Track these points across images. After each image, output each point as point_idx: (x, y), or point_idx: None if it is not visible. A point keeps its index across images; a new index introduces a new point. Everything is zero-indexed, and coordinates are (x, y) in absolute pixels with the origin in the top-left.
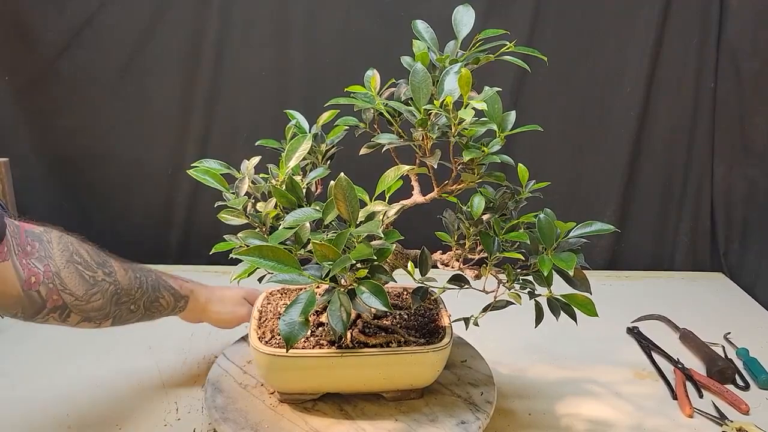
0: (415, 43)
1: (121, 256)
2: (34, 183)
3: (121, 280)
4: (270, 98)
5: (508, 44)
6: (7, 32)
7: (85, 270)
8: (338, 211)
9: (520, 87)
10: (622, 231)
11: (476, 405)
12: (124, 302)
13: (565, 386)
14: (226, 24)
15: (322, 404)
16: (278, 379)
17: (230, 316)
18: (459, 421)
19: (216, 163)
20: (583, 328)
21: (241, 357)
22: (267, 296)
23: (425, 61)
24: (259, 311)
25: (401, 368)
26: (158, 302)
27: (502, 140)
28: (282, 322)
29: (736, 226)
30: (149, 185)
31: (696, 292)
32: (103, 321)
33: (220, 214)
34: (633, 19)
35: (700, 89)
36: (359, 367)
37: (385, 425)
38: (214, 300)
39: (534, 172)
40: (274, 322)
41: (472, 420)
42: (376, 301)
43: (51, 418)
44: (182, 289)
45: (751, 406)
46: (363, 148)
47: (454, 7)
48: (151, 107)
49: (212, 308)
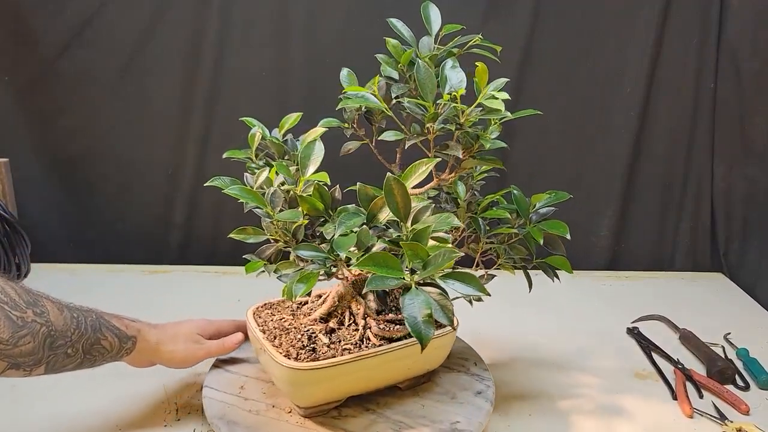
0: (388, 41)
1: (121, 256)
2: (34, 183)
3: (55, 320)
4: (270, 98)
5: (476, 37)
6: (7, 32)
7: (12, 310)
8: (390, 209)
9: (520, 87)
10: (622, 231)
11: (478, 375)
12: (59, 346)
13: (565, 386)
14: (226, 24)
15: (346, 409)
16: (309, 393)
17: (186, 354)
18: (475, 392)
19: (229, 180)
20: (583, 328)
21: (229, 384)
22: (254, 314)
23: (399, 55)
24: (261, 330)
25: (424, 355)
26: (100, 345)
27: (498, 128)
28: (409, 325)
29: (736, 226)
30: (149, 185)
31: (696, 292)
32: (35, 368)
33: (242, 234)
34: (633, 19)
35: (700, 89)
36: (388, 362)
37: (417, 411)
38: (165, 339)
39: (534, 172)
40: (288, 338)
41: (484, 388)
42: (471, 289)
43: (50, 419)
44: (128, 330)
45: (751, 406)
46: (344, 147)
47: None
48: (151, 107)
49: (165, 348)
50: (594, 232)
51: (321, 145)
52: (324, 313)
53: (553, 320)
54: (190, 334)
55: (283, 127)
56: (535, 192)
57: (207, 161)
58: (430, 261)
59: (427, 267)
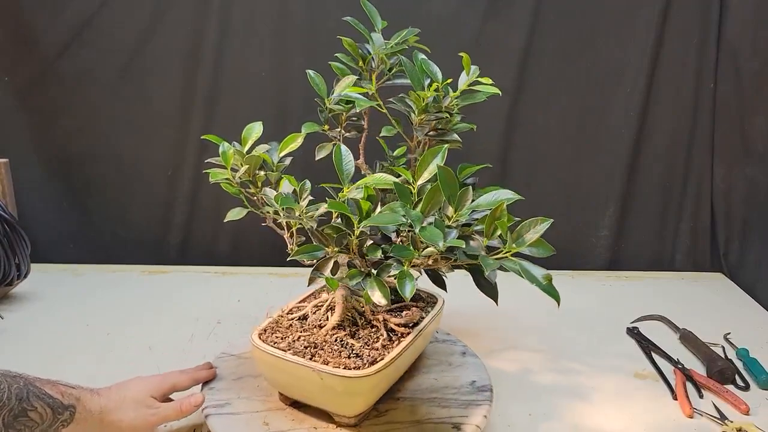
0: (344, 40)
1: (121, 256)
2: (34, 183)
3: None
4: (270, 98)
5: (415, 34)
6: (7, 32)
7: None
8: (445, 195)
9: (520, 87)
10: (622, 231)
11: (449, 341)
12: None
13: (564, 387)
14: (226, 24)
15: (381, 405)
16: (366, 398)
17: (136, 423)
18: (461, 353)
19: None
20: (583, 328)
21: (249, 427)
22: (262, 339)
23: (356, 52)
24: (293, 354)
25: (432, 329)
26: (26, 416)
27: (458, 110)
28: (542, 289)
29: (736, 226)
30: (149, 185)
31: (696, 292)
32: None
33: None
34: (633, 19)
35: (700, 89)
36: (417, 345)
37: (435, 384)
38: (111, 407)
39: (534, 172)
40: (326, 352)
41: (463, 347)
42: (542, 251)
43: None
44: (65, 398)
45: (751, 406)
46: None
47: (454, 7)
48: (151, 107)
49: (113, 417)
50: (594, 232)
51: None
52: (339, 321)
53: (553, 320)
54: (141, 398)
55: (247, 141)
56: (535, 191)
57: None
58: (521, 231)
59: (521, 237)
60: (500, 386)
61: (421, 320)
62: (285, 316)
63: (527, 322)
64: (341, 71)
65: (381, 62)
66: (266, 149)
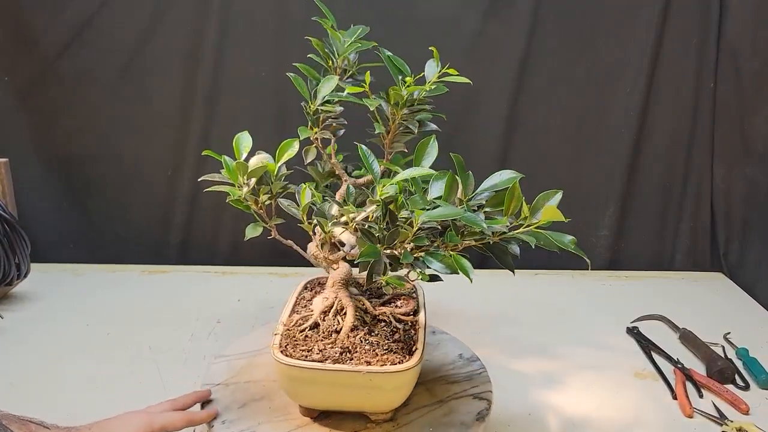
0: (312, 39)
1: (121, 256)
2: (34, 183)
3: None
4: (270, 98)
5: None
6: (7, 32)
7: None
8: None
9: (520, 87)
10: (622, 231)
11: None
12: None
13: (565, 386)
14: (225, 24)
15: None
16: (406, 391)
17: None
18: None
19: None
20: (583, 328)
21: None
22: (279, 348)
23: (322, 49)
24: (320, 361)
25: None
26: None
27: (423, 97)
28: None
29: (736, 226)
30: (149, 185)
31: (696, 292)
32: None
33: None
34: (633, 19)
35: (700, 89)
36: None
37: (441, 369)
38: None
39: (533, 172)
40: (359, 354)
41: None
42: None
43: (51, 419)
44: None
45: (751, 406)
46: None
47: (454, 7)
48: (151, 107)
49: None
50: (594, 232)
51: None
52: (352, 322)
53: (553, 320)
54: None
55: (240, 153)
56: (534, 192)
57: (207, 161)
58: (537, 205)
59: (536, 212)
60: (500, 386)
61: (419, 307)
62: (293, 329)
63: (527, 322)
64: (308, 71)
65: (344, 60)
66: (265, 157)
